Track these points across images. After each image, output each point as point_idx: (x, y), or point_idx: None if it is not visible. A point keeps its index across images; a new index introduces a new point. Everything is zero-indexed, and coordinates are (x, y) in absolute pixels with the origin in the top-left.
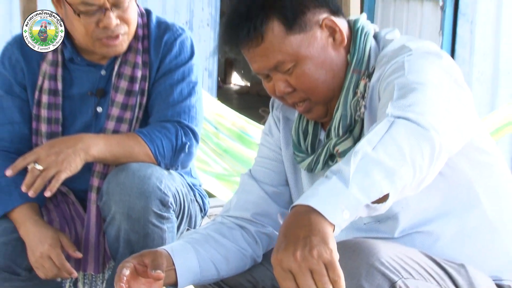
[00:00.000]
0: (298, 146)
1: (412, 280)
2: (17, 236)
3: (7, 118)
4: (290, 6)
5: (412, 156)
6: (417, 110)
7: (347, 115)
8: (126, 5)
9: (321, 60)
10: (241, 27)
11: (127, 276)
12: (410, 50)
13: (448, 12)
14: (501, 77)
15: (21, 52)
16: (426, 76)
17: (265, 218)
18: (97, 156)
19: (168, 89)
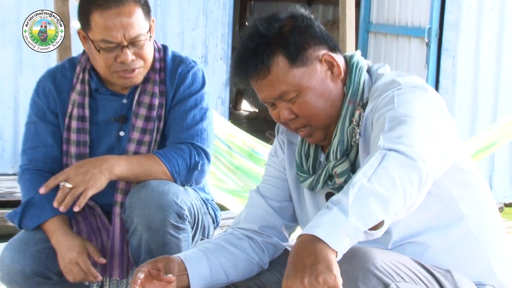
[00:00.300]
0: (300, 167)
1: (403, 283)
2: (49, 245)
3: (41, 142)
4: (293, 43)
5: (403, 185)
6: (406, 142)
7: (344, 140)
8: (142, 43)
9: (320, 90)
10: (250, 61)
11: (141, 279)
12: (399, 84)
13: (432, 47)
14: (480, 105)
15: (53, 84)
16: (414, 109)
17: (271, 229)
18: (120, 175)
19: (182, 115)
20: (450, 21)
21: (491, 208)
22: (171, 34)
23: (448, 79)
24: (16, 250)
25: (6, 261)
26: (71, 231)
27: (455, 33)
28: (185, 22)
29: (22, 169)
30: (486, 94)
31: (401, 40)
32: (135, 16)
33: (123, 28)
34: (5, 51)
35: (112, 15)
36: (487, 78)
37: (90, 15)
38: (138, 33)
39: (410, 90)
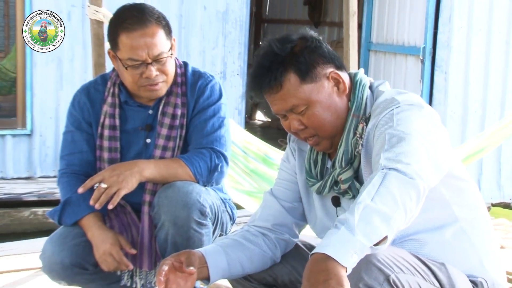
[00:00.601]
0: (309, 173)
1: (402, 274)
2: (85, 239)
3: (77, 148)
4: (304, 62)
5: (403, 202)
6: (404, 160)
7: (348, 151)
8: (164, 60)
9: (327, 104)
10: (264, 78)
11: (165, 271)
12: (398, 102)
13: (427, 64)
14: (469, 116)
15: (87, 97)
16: (411, 126)
17: (283, 227)
18: (149, 177)
19: (202, 123)
20: (442, 41)
21: (481, 210)
22: (194, 53)
23: (440, 93)
24: (56, 244)
25: (47, 253)
26: (104, 226)
27: (447, 51)
28: (206, 42)
29: (61, 173)
30: (475, 106)
31: (398, 58)
32: (158, 37)
33: (147, 48)
34: (48, 69)
35: (137, 36)
36: (475, 91)
37: (118, 37)
38: (161, 51)
39: (408, 108)
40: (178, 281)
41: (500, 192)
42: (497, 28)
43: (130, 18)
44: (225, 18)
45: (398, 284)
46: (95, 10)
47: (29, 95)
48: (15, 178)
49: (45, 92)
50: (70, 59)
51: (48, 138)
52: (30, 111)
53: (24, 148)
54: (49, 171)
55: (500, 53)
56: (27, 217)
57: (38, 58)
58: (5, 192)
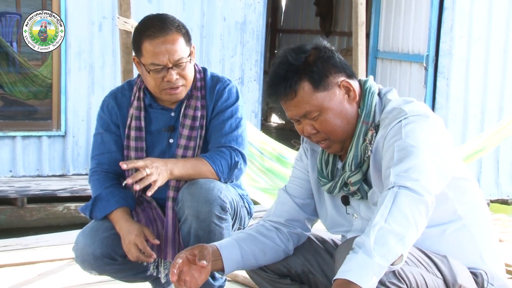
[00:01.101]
0: (321, 173)
1: (407, 266)
2: (115, 232)
3: (106, 149)
4: (317, 71)
5: (414, 219)
6: (413, 176)
7: (358, 155)
8: (184, 65)
9: (338, 111)
10: (280, 85)
11: (179, 264)
12: (406, 114)
13: (430, 71)
14: (470, 118)
15: (115, 102)
16: (419, 138)
17: (296, 222)
18: (177, 175)
19: (221, 124)
20: (444, 49)
21: (482, 207)
22: (214, 60)
23: (443, 97)
24: (88, 236)
25: (80, 245)
26: (131, 219)
27: (449, 59)
28: (225, 51)
29: (92, 171)
30: (475, 110)
31: (403, 65)
32: (178, 43)
33: (168, 53)
34: (80, 75)
35: (159, 43)
36: (475, 96)
37: (142, 44)
38: (181, 57)
39: (415, 119)
40: (192, 273)
41: (498, 190)
42: (495, 37)
43: (153, 26)
44: (243, 29)
45: (403, 275)
46: (124, 21)
47: (63, 99)
48: (50, 175)
49: (78, 96)
50: (101, 66)
51: (80, 139)
52: (64, 114)
53: (58, 148)
54: (81, 169)
55: (498, 60)
56: (61, 211)
57: (72, 66)
58: (41, 188)
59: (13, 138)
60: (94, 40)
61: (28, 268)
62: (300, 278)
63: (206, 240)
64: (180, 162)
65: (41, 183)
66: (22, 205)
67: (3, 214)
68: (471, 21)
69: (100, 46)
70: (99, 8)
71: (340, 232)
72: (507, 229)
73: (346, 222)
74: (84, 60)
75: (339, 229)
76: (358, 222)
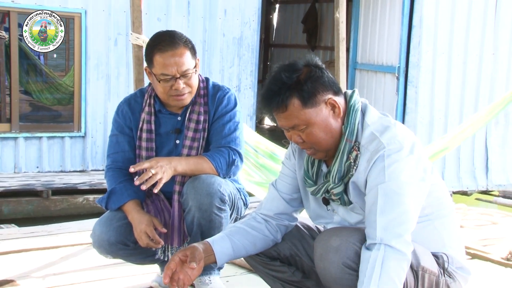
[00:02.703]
0: (307, 173)
1: None
2: (127, 221)
3: (120, 148)
4: (306, 90)
5: (400, 279)
6: (397, 231)
7: (341, 170)
8: (190, 75)
9: (324, 125)
10: (273, 100)
11: (172, 266)
12: (384, 148)
13: (401, 80)
14: (435, 121)
15: (128, 107)
16: (401, 180)
17: (283, 215)
18: (181, 171)
19: (221, 127)
20: (413, 61)
21: (447, 203)
22: (215, 71)
23: (412, 103)
24: (104, 225)
25: (96, 232)
26: (142, 210)
27: (417, 70)
28: (225, 62)
29: (107, 168)
30: (439, 114)
31: (378, 75)
32: (185, 56)
33: (176, 65)
34: (98, 84)
35: (169, 56)
36: (440, 102)
37: (153, 56)
38: (187, 68)
39: (395, 158)
40: (186, 271)
41: (459, 183)
42: (456, 52)
43: (163, 41)
44: (240, 43)
45: None
46: (137, 37)
47: (83, 105)
48: (72, 171)
49: (96, 102)
50: (116, 76)
51: (98, 139)
52: (84, 118)
53: (79, 147)
54: (98, 166)
55: (459, 71)
56: (81, 202)
57: (91, 76)
58: (64, 182)
59: (39, 138)
60: (110, 53)
61: (52, 252)
62: (288, 261)
63: (207, 228)
64: (183, 159)
65: (63, 177)
66: (47, 197)
67: (30, 205)
68: (436, 37)
69: (115, 58)
70: (114, 25)
71: (322, 223)
72: (467, 216)
73: (328, 215)
74: (101, 71)
75: (321, 221)
76: (337, 217)
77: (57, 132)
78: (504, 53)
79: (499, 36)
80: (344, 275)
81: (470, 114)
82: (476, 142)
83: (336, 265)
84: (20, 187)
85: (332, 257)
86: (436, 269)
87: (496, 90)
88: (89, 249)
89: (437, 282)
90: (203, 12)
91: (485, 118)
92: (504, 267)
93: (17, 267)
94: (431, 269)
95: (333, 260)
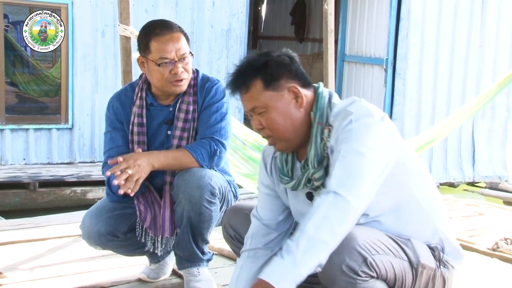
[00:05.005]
0: (282, 171)
1: (378, 255)
2: (117, 212)
3: (114, 144)
4: (270, 73)
5: (341, 230)
6: (350, 184)
7: (318, 153)
8: (187, 60)
9: (283, 112)
10: (238, 80)
11: None
12: (352, 113)
13: (389, 72)
14: (422, 113)
15: (119, 102)
16: (364, 143)
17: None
18: (158, 167)
19: (207, 117)
20: (401, 54)
21: (431, 184)
22: (203, 63)
23: (400, 95)
24: (94, 216)
25: (86, 223)
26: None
27: (405, 62)
28: (213, 54)
29: (103, 164)
30: (427, 106)
31: (366, 67)
32: (182, 41)
33: (175, 48)
34: (85, 76)
35: (167, 39)
36: (427, 94)
37: (150, 42)
38: (184, 51)
39: (361, 122)
40: None
41: (446, 174)
42: (443, 44)
43: (159, 27)
44: (228, 35)
45: (374, 264)
46: (124, 28)
47: (70, 97)
48: (59, 163)
49: (83, 94)
50: (103, 68)
51: (85, 132)
52: (71, 110)
53: (66, 139)
54: (86, 158)
55: (446, 63)
56: (68, 194)
57: (78, 67)
58: (51, 174)
59: (26, 130)
60: (98, 45)
61: (40, 244)
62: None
63: (197, 221)
64: (162, 154)
65: (51, 169)
66: (34, 189)
67: (17, 197)
68: (424, 30)
69: (103, 50)
70: (102, 16)
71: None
72: (454, 207)
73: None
74: (88, 62)
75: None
76: None
77: (44, 124)
78: (491, 45)
79: (486, 28)
80: (344, 277)
81: (457, 106)
82: (463, 134)
83: (336, 267)
84: (7, 179)
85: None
86: (433, 263)
87: (483, 82)
88: (77, 241)
89: (434, 276)
90: (191, 3)
91: (472, 109)
92: (491, 258)
93: (4, 260)
94: (429, 265)
95: (334, 261)
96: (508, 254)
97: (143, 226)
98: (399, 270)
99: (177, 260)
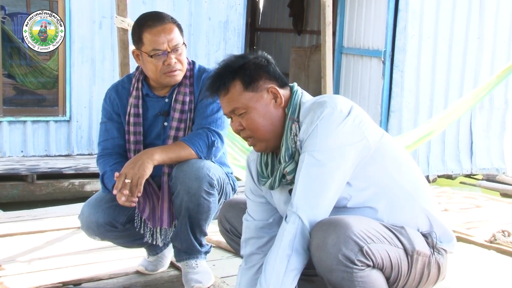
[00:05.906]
0: (262, 174)
1: (373, 244)
2: (116, 203)
3: (110, 135)
4: (249, 74)
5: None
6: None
7: (289, 147)
8: (180, 50)
9: (263, 112)
10: (217, 81)
11: None
12: (318, 109)
13: (387, 64)
14: (421, 106)
15: (116, 94)
16: (325, 148)
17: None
18: (159, 160)
19: (203, 108)
20: (399, 46)
21: (413, 166)
22: (200, 55)
23: (398, 87)
24: (92, 207)
25: (85, 214)
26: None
27: (403, 54)
28: (210, 46)
29: (98, 156)
30: (425, 98)
31: (364, 59)
32: (174, 32)
33: (167, 39)
34: (83, 68)
35: (159, 31)
36: (425, 86)
37: (142, 34)
38: (177, 42)
39: (327, 124)
40: None
41: (444, 166)
42: (442, 35)
43: (151, 19)
44: (226, 27)
45: (370, 253)
46: (121, 20)
47: (68, 89)
48: (57, 155)
49: (81, 86)
50: (101, 60)
51: (83, 124)
52: (69, 102)
53: (64, 131)
54: (84, 150)
55: (445, 55)
56: (66, 186)
57: (75, 60)
58: (49, 166)
59: (24, 122)
60: (95, 37)
61: (38, 236)
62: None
63: (195, 212)
64: (159, 148)
65: (48, 162)
66: (32, 181)
67: (15, 189)
68: (422, 22)
69: (100, 42)
70: (99, 8)
71: None
72: (451, 200)
73: None
74: (86, 54)
75: None
76: None
77: (42, 116)
78: (489, 37)
79: (484, 20)
80: (340, 266)
81: (456, 98)
82: (461, 126)
83: (332, 257)
84: (5, 172)
85: (329, 248)
86: (428, 250)
87: (481, 75)
88: (75, 233)
89: (429, 262)
90: None
91: (470, 102)
92: (488, 250)
93: (2, 252)
94: (424, 252)
95: (330, 251)
96: (505, 246)
97: (142, 217)
98: (395, 258)
99: (175, 252)
